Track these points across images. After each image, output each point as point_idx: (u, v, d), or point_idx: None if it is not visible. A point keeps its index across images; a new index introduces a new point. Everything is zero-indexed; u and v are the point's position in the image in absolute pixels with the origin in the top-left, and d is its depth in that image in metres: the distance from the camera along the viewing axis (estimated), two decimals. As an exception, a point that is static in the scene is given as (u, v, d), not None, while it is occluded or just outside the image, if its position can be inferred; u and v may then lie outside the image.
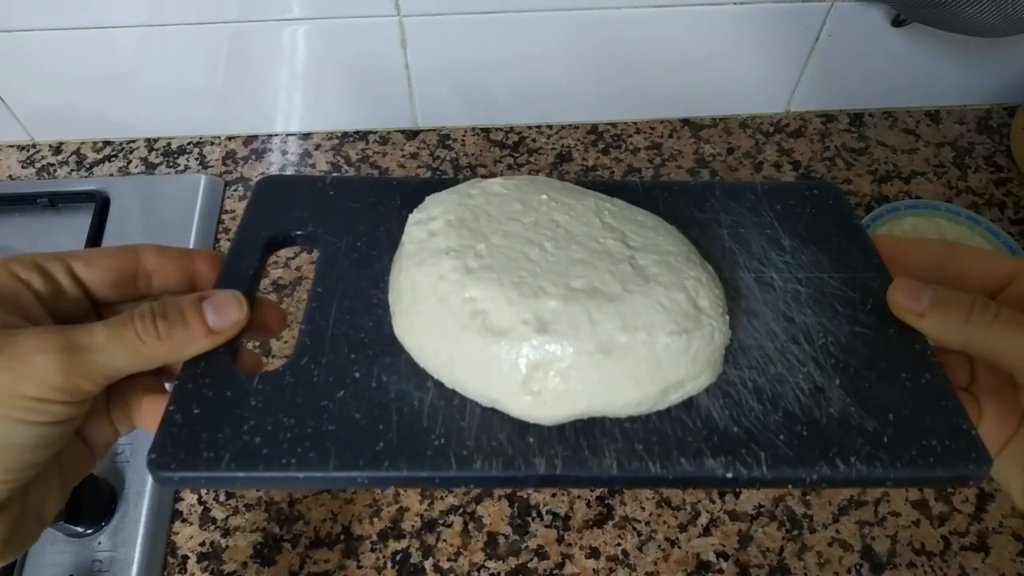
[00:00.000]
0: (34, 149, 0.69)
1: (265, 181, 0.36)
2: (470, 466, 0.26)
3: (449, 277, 0.29)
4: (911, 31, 0.63)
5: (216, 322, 0.28)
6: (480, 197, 0.33)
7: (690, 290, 0.30)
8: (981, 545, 0.48)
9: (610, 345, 0.28)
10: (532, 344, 0.27)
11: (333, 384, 0.29)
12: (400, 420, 0.27)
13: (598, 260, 0.30)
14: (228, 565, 0.47)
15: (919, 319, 0.30)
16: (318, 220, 0.34)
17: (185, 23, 0.60)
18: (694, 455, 0.27)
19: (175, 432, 0.27)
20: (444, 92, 0.67)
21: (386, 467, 0.26)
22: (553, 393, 0.27)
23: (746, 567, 0.47)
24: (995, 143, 0.68)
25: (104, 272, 0.29)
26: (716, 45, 0.64)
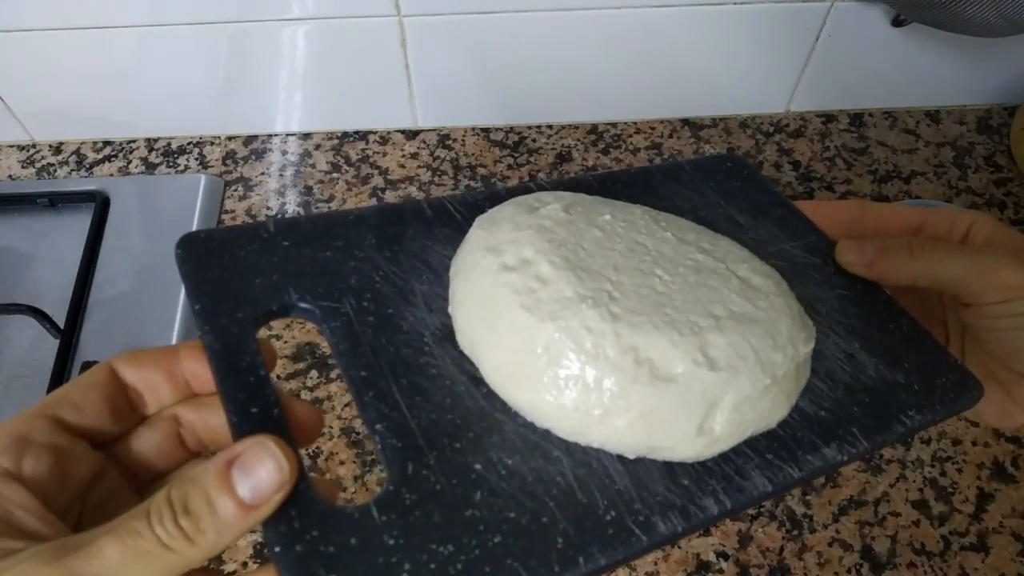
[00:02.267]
0: (34, 149, 0.69)
1: (190, 244, 0.28)
2: (655, 530, 0.24)
3: (597, 328, 0.26)
4: (911, 31, 0.63)
5: (253, 492, 0.21)
6: (558, 229, 0.30)
7: (788, 293, 0.30)
8: (981, 545, 0.47)
9: (773, 367, 0.27)
10: (707, 383, 0.26)
11: (463, 487, 0.24)
12: (558, 505, 0.24)
13: (711, 280, 0.29)
14: (228, 565, 0.47)
15: (870, 269, 0.34)
16: (296, 283, 0.28)
17: (185, 23, 0.60)
18: (812, 449, 0.27)
19: None
20: (444, 92, 0.67)
21: (583, 563, 0.22)
22: (727, 428, 0.26)
23: (746, 567, 0.47)
24: (995, 143, 0.68)
25: (98, 408, 0.24)
26: (716, 45, 0.64)
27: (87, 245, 0.59)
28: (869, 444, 0.28)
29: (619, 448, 0.26)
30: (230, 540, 0.21)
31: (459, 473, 0.24)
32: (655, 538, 0.24)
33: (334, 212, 0.31)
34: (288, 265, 0.28)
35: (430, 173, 0.67)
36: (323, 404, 0.53)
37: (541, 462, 0.25)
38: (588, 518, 0.24)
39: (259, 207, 0.64)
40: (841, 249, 0.35)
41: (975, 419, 0.34)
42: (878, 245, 0.34)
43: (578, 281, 0.27)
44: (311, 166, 0.67)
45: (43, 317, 0.53)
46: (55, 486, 0.22)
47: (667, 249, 0.30)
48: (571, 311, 0.26)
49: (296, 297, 0.27)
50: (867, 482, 0.50)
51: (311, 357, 0.55)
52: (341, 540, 0.22)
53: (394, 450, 0.24)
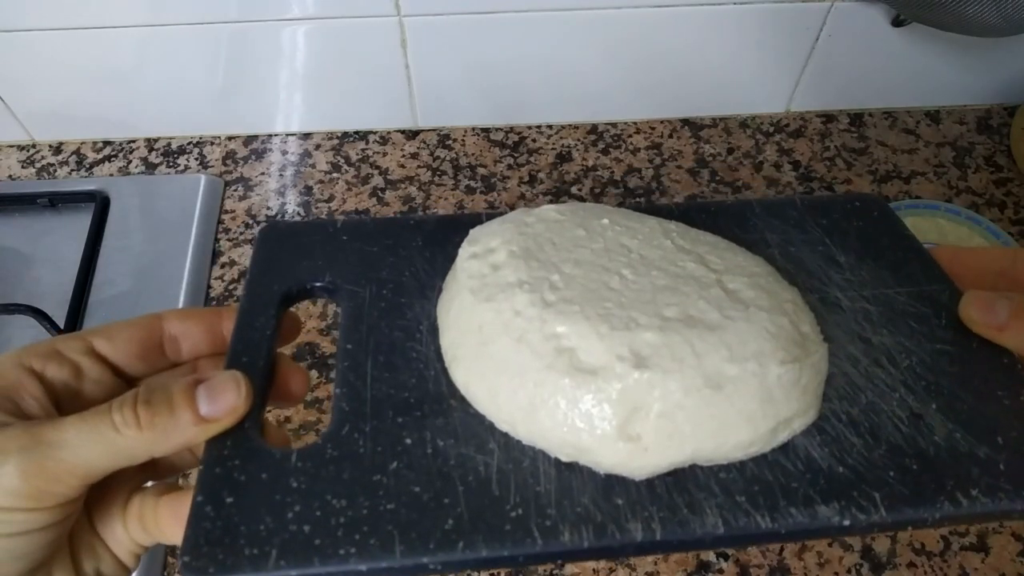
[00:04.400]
0: (34, 149, 0.69)
1: (269, 230, 0.33)
2: (557, 539, 0.23)
3: (526, 313, 0.26)
4: (911, 31, 0.63)
5: (209, 410, 0.24)
6: (538, 225, 0.30)
7: (791, 314, 0.27)
8: (981, 545, 0.47)
9: (719, 378, 0.25)
10: (630, 381, 0.24)
11: (383, 454, 0.25)
12: (467, 491, 0.24)
13: (685, 286, 0.27)
14: (228, 565, 0.47)
15: (998, 333, 0.28)
16: (334, 268, 0.31)
17: (185, 23, 0.60)
18: (804, 503, 0.24)
19: (208, 527, 0.23)
20: (444, 92, 0.67)
21: (461, 549, 0.22)
22: (656, 437, 0.24)
23: (746, 567, 0.47)
24: (995, 143, 0.68)
25: (128, 345, 0.27)
26: (716, 45, 0.64)
27: (87, 245, 0.59)
28: (890, 515, 0.24)
29: (546, 445, 0.25)
30: (175, 443, 0.24)
31: (387, 442, 0.25)
32: (553, 546, 0.23)
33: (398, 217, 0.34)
34: (337, 255, 0.32)
35: (430, 173, 0.67)
36: (322, 404, 0.53)
37: (471, 450, 0.25)
38: (491, 510, 0.23)
39: (259, 207, 0.64)
40: (967, 303, 0.29)
41: None
42: (1016, 305, 0.27)
43: (526, 269, 0.28)
44: (311, 166, 0.67)
45: (43, 317, 0.53)
46: (69, 395, 0.26)
47: (653, 254, 0.29)
48: (505, 294, 0.27)
49: (328, 280, 0.31)
50: (867, 482, 0.50)
51: (311, 357, 0.55)
52: (254, 473, 0.24)
53: (341, 413, 0.26)
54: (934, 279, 0.32)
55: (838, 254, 0.33)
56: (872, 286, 0.31)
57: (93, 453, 0.23)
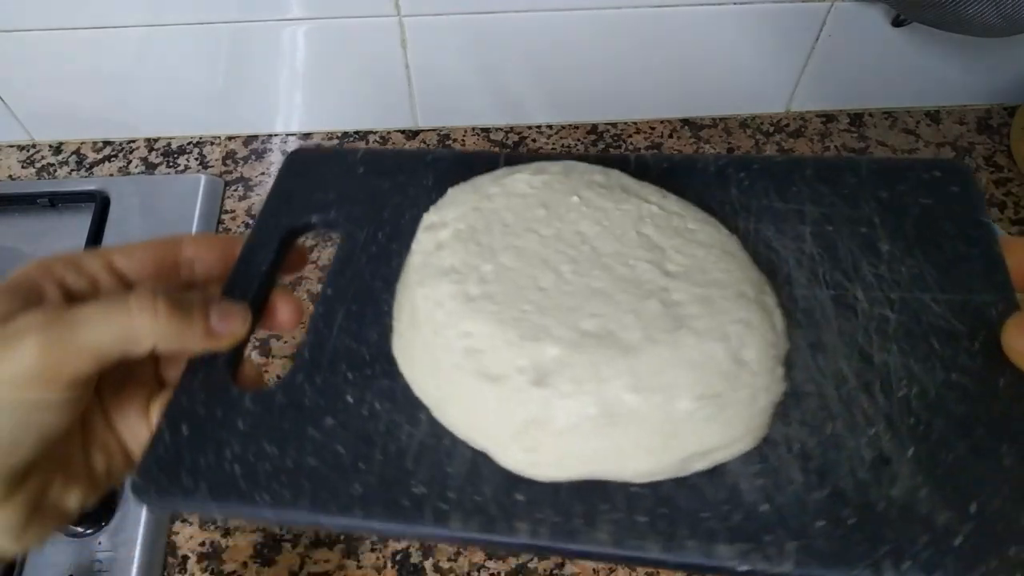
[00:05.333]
0: (34, 149, 0.69)
1: (294, 156, 0.33)
2: (446, 524, 0.23)
3: (446, 305, 0.26)
4: (911, 31, 0.63)
5: (217, 326, 0.26)
6: (500, 199, 0.28)
7: (733, 339, 0.24)
8: (981, 545, 0.47)
9: (616, 407, 0.23)
10: (529, 396, 0.23)
11: (323, 409, 0.26)
12: (384, 460, 0.24)
13: (622, 292, 0.25)
14: (228, 565, 0.47)
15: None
16: (342, 204, 0.31)
17: (185, 23, 0.60)
18: (705, 537, 0.22)
19: (161, 454, 0.25)
20: (444, 92, 0.67)
21: (359, 516, 0.23)
22: (550, 454, 0.23)
23: (746, 567, 0.47)
24: (995, 143, 0.68)
25: (144, 263, 0.29)
26: (716, 45, 0.64)
27: (87, 245, 0.59)
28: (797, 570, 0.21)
29: (456, 432, 0.25)
30: (180, 343, 0.26)
31: (330, 398, 0.26)
32: (440, 531, 0.23)
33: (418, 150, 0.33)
34: (348, 188, 0.32)
35: (430, 173, 0.67)
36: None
37: (402, 419, 0.26)
38: (398, 484, 0.24)
39: (259, 207, 0.64)
40: (1012, 328, 0.24)
41: None
42: None
43: (463, 253, 0.27)
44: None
45: (43, 317, 0.53)
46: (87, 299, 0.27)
47: (608, 247, 0.26)
48: (434, 281, 0.26)
49: (333, 216, 0.31)
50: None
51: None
52: (212, 409, 0.26)
53: (301, 360, 0.27)
54: (991, 287, 0.26)
55: (883, 240, 0.28)
56: (907, 287, 0.26)
57: (107, 334, 0.24)
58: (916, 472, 0.22)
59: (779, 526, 0.22)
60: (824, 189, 0.30)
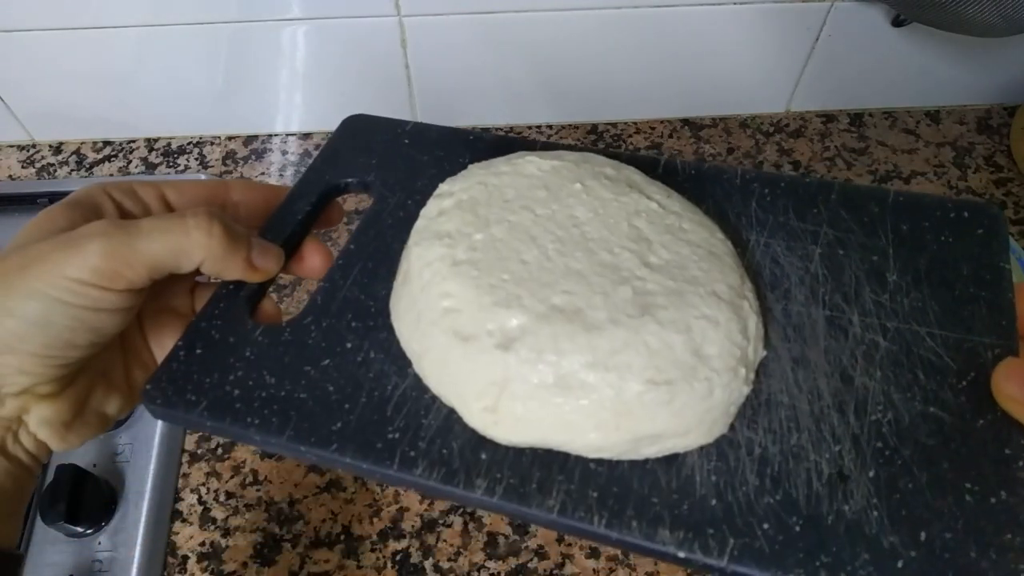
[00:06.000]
0: (34, 149, 0.69)
1: (350, 120, 0.37)
2: (411, 470, 0.25)
3: (434, 266, 0.27)
4: (911, 31, 0.63)
5: (257, 259, 0.29)
6: (507, 176, 0.30)
7: (695, 332, 0.25)
8: (981, 545, 0.47)
9: (570, 381, 0.24)
10: (492, 358, 0.25)
11: (323, 350, 0.28)
12: (367, 403, 0.26)
13: (597, 276, 0.26)
14: (228, 565, 0.47)
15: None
16: (381, 169, 0.34)
17: (185, 23, 0.60)
18: (650, 521, 0.22)
19: (174, 368, 0.27)
20: (444, 92, 0.67)
21: (332, 450, 0.25)
22: (508, 416, 0.25)
23: (746, 567, 0.47)
24: (995, 143, 0.68)
25: (194, 199, 0.31)
26: (716, 45, 0.64)
27: (87, 245, 0.59)
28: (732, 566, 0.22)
29: (429, 385, 0.27)
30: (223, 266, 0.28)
31: (333, 340, 0.28)
32: (404, 475, 0.24)
33: (462, 129, 0.36)
34: (390, 156, 0.34)
35: (430, 173, 0.67)
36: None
37: (392, 370, 0.27)
38: (373, 425, 0.26)
39: (259, 207, 0.64)
40: (1003, 370, 0.24)
41: None
42: None
43: (460, 221, 0.28)
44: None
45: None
46: None
47: (596, 233, 0.27)
48: (428, 243, 0.28)
49: (371, 179, 0.34)
50: (867, 482, 0.50)
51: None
52: (225, 335, 0.28)
53: (313, 304, 0.29)
54: (994, 330, 0.26)
55: (892, 272, 0.28)
56: (905, 318, 0.27)
57: (165, 246, 0.26)
58: (872, 494, 0.23)
59: (724, 522, 0.22)
60: (845, 214, 0.30)
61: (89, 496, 0.46)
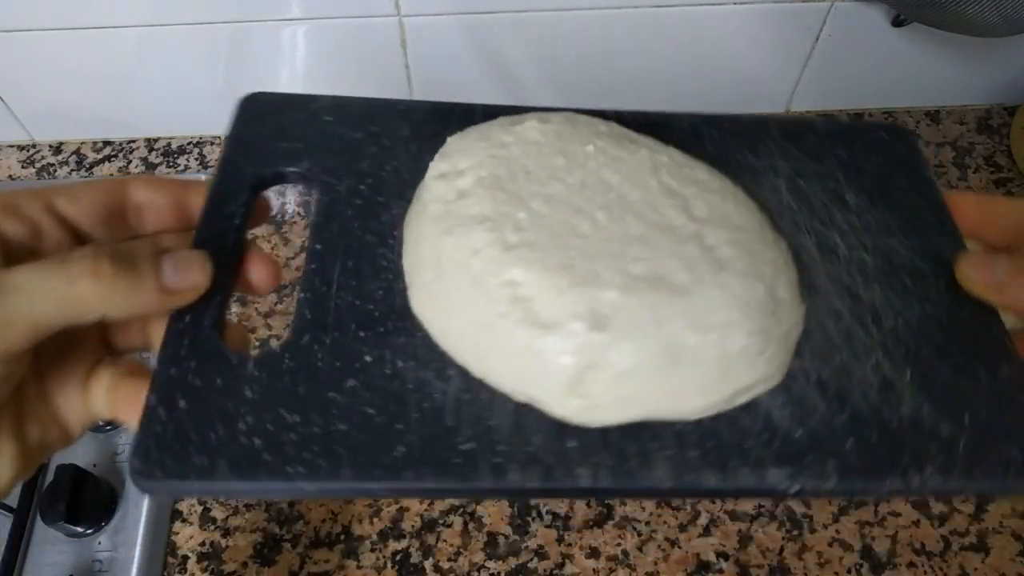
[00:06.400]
0: (34, 149, 0.69)
1: (251, 100, 0.31)
2: (504, 477, 0.22)
3: (484, 253, 0.25)
4: (911, 31, 0.63)
5: (173, 281, 0.23)
6: (516, 147, 0.28)
7: (767, 277, 0.25)
8: (981, 545, 0.48)
9: (678, 348, 0.24)
10: (586, 342, 0.23)
11: (341, 370, 0.24)
12: (421, 418, 0.23)
13: (660, 237, 0.25)
14: (228, 565, 0.47)
15: (996, 294, 0.26)
16: (314, 154, 0.29)
17: (185, 23, 0.60)
18: (755, 465, 0.23)
19: (159, 432, 0.22)
20: (444, 92, 0.67)
21: (408, 477, 0.22)
22: (607, 397, 0.23)
23: (746, 567, 0.47)
24: (995, 143, 0.68)
25: (92, 207, 0.26)
26: (716, 45, 0.64)
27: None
28: (841, 485, 0.23)
29: (499, 386, 0.24)
30: (131, 306, 0.23)
31: (346, 358, 0.24)
32: (501, 484, 0.22)
33: (388, 100, 0.31)
34: (317, 138, 0.30)
35: (430, 173, 0.67)
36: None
37: (431, 375, 0.24)
38: (442, 440, 0.23)
39: (259, 207, 0.64)
40: (966, 259, 0.27)
41: None
42: (1017, 263, 0.26)
43: (491, 202, 0.26)
44: (311, 166, 0.67)
45: (43, 317, 0.53)
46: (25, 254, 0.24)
47: (634, 194, 0.27)
48: (465, 229, 0.25)
49: (306, 167, 0.29)
50: (867, 482, 0.50)
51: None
52: (209, 377, 0.23)
53: (302, 320, 0.25)
54: (943, 232, 0.29)
55: (849, 193, 0.30)
56: (876, 233, 0.29)
57: (46, 302, 0.21)
58: (915, 392, 0.25)
59: (815, 448, 0.24)
60: (790, 147, 0.32)
61: (89, 496, 0.46)
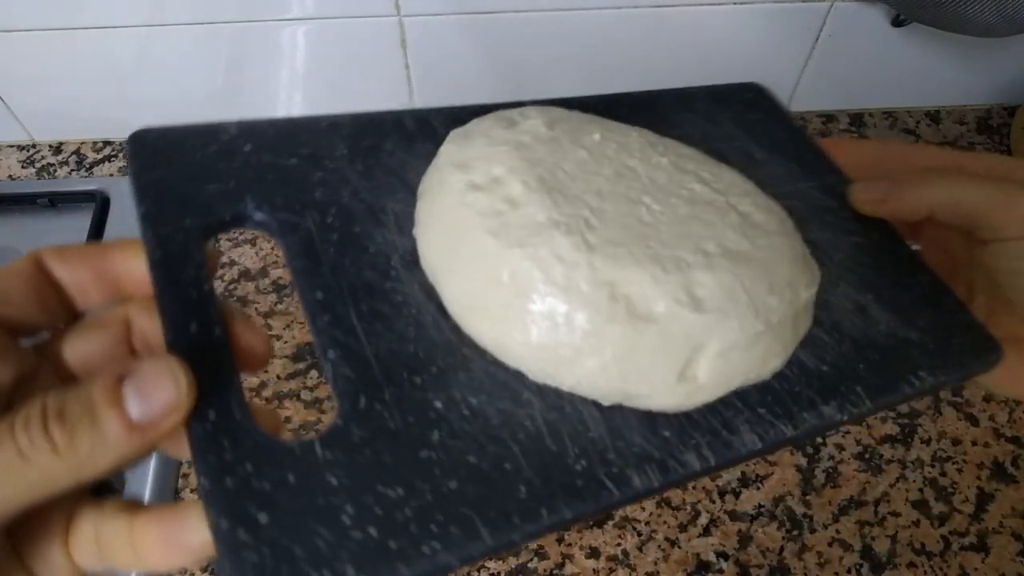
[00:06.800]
0: (34, 149, 0.69)
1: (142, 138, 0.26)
2: (628, 485, 0.22)
3: (570, 258, 0.24)
4: (911, 31, 0.63)
5: (142, 412, 0.18)
6: (538, 146, 0.27)
7: (797, 237, 0.28)
8: (981, 545, 0.47)
9: (767, 311, 0.25)
10: (690, 325, 0.23)
11: (419, 426, 0.22)
12: (524, 451, 0.22)
13: (705, 213, 0.26)
14: (228, 565, 0.47)
15: (883, 206, 0.31)
16: (253, 191, 0.25)
17: (185, 23, 0.60)
18: (809, 406, 0.25)
19: (253, 559, 0.18)
20: (444, 92, 0.67)
21: (546, 515, 0.21)
22: (711, 376, 0.24)
23: (746, 567, 0.47)
24: (995, 143, 0.68)
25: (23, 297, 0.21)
26: (716, 45, 0.64)
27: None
28: (873, 404, 0.26)
29: (592, 393, 0.24)
30: (106, 464, 0.18)
31: (417, 410, 0.22)
32: (628, 492, 0.22)
33: (305, 117, 0.28)
34: (247, 171, 0.26)
35: (430, 173, 0.67)
36: (322, 404, 0.53)
37: (509, 403, 0.23)
38: (556, 467, 0.22)
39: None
40: (853, 189, 0.32)
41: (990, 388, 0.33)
42: (893, 178, 0.31)
43: (552, 205, 0.25)
44: (311, 166, 0.67)
45: (43, 317, 0.53)
46: None
47: (661, 177, 0.27)
48: (541, 238, 0.24)
49: (252, 207, 0.25)
50: (867, 482, 0.50)
51: (311, 357, 0.55)
52: (278, 476, 0.20)
53: (346, 381, 0.22)
54: (829, 170, 0.33)
55: (752, 149, 0.33)
56: (789, 181, 0.31)
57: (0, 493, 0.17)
58: (882, 311, 0.28)
59: (842, 378, 0.26)
60: (689, 115, 0.34)
61: (89, 496, 0.46)
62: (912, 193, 0.30)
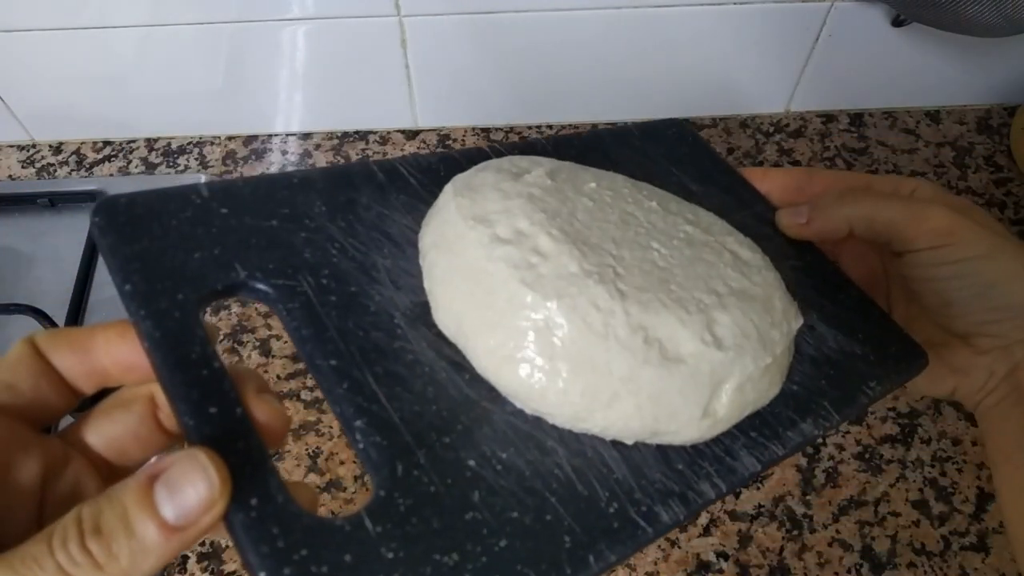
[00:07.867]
0: (34, 149, 0.69)
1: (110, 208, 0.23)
2: (658, 521, 0.23)
3: (605, 306, 0.25)
4: (911, 31, 0.63)
5: (178, 514, 0.17)
6: (548, 198, 0.28)
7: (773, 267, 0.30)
8: (981, 545, 0.47)
9: (772, 345, 0.27)
10: (715, 364, 0.25)
11: (459, 487, 0.22)
12: (560, 500, 0.23)
13: (706, 254, 0.28)
14: (228, 565, 0.47)
15: (807, 228, 0.34)
16: (241, 258, 0.24)
17: (185, 23, 0.60)
18: (790, 425, 0.27)
19: None
20: (444, 92, 0.67)
21: (593, 562, 0.22)
22: (729, 410, 0.26)
23: (746, 567, 0.47)
24: (995, 143, 0.68)
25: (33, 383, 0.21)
26: (716, 45, 0.64)
27: (87, 245, 0.59)
28: (839, 417, 0.28)
29: (622, 434, 0.25)
30: (149, 569, 0.18)
31: (453, 472, 0.22)
32: (660, 528, 0.23)
33: (276, 175, 0.27)
34: (229, 236, 0.24)
35: (430, 173, 0.67)
36: (322, 404, 0.53)
37: (536, 454, 0.23)
38: (592, 512, 0.23)
39: (259, 207, 0.64)
40: (780, 215, 0.35)
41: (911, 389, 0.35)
42: (813, 201, 0.34)
43: (581, 256, 0.26)
44: (311, 166, 0.67)
45: (43, 317, 0.53)
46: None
47: (657, 220, 0.29)
48: (577, 288, 0.25)
49: (245, 274, 0.24)
50: (867, 482, 0.50)
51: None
52: (334, 558, 0.19)
53: (380, 449, 0.22)
54: (757, 200, 0.36)
55: (688, 183, 0.35)
56: (727, 213, 0.33)
57: None
58: (828, 329, 0.31)
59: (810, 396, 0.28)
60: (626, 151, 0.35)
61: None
62: (832, 213, 0.33)
